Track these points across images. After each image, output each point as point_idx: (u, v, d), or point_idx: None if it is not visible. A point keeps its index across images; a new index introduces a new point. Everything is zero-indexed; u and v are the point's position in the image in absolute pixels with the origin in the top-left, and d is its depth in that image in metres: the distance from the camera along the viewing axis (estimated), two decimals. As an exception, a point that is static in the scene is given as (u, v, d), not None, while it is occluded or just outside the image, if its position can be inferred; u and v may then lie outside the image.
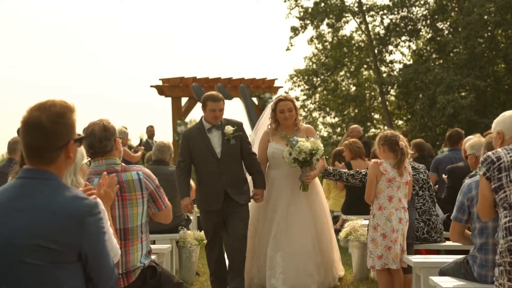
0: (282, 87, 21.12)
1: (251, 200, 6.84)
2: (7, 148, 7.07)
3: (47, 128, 2.83)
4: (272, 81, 18.80)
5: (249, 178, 7.01)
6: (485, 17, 22.91)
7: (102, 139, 4.59)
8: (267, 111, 7.38)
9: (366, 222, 8.05)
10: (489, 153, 4.47)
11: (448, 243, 6.69)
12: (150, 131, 15.72)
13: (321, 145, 6.65)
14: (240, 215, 6.63)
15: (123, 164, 4.68)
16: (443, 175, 8.04)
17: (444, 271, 5.34)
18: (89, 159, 4.51)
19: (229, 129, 6.58)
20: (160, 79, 17.36)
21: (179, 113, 17.44)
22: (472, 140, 6.42)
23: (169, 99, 17.54)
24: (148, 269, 4.64)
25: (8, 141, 7.02)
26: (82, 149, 4.05)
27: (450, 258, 5.61)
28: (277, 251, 6.80)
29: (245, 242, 6.69)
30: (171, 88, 17.35)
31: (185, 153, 6.66)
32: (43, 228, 2.75)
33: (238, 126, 6.72)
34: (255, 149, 7.12)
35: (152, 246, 5.56)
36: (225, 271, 6.79)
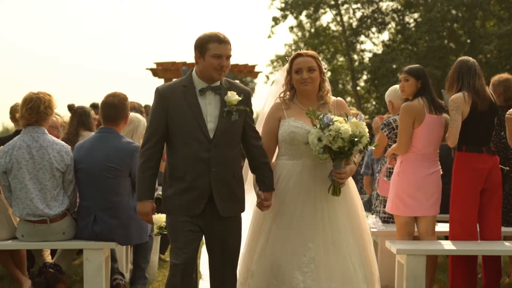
0: (262, 71, 23.32)
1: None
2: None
3: (118, 106, 5.48)
4: (253, 66, 20.73)
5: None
6: (443, 14, 25.49)
7: None
8: (273, 89, 5.02)
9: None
10: (390, 119, 6.22)
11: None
12: (148, 110, 17.89)
13: (366, 130, 4.37)
14: (229, 232, 4.32)
15: None
16: None
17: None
18: None
19: (233, 97, 4.26)
20: (154, 63, 19.58)
21: (170, 94, 19.38)
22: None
23: (162, 80, 19.64)
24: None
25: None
26: (144, 121, 6.41)
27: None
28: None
29: (236, 275, 4.43)
30: (163, 71, 19.49)
31: (159, 122, 4.23)
32: (111, 157, 5.43)
33: (246, 95, 4.37)
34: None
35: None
36: None
